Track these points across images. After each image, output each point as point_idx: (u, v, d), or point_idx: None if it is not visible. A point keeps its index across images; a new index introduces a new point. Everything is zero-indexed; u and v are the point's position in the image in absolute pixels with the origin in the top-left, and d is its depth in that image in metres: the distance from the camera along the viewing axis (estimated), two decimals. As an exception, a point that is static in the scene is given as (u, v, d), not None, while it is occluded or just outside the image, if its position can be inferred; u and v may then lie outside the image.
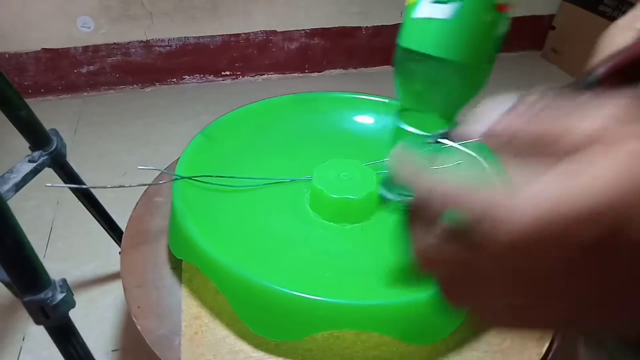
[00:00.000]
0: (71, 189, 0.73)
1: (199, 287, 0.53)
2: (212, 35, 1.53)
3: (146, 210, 0.65)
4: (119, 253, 0.60)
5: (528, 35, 1.83)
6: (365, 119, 0.69)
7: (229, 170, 0.62)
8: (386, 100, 0.68)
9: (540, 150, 0.18)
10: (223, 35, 1.54)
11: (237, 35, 1.55)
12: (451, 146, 0.25)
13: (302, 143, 0.66)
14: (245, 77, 1.63)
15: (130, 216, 0.64)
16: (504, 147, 0.20)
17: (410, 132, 0.33)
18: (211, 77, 1.61)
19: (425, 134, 0.32)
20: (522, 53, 1.87)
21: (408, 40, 0.33)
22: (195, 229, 0.49)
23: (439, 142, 0.26)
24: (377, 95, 0.69)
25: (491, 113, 0.21)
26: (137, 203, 0.66)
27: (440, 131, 0.27)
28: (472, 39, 0.32)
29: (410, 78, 0.34)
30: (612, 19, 1.48)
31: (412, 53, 0.33)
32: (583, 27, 1.62)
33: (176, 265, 0.56)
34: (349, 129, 0.68)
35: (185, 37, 1.51)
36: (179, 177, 0.50)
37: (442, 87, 0.33)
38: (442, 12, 0.31)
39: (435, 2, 0.31)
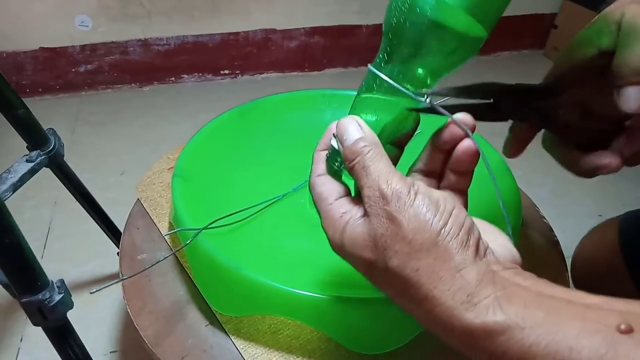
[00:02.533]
0: (67, 187, 0.73)
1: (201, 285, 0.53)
2: (211, 34, 1.52)
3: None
4: (117, 254, 0.59)
5: (530, 33, 1.83)
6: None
7: (230, 170, 0.62)
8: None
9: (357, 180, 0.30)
10: (222, 33, 1.53)
11: (237, 33, 1.54)
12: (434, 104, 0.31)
13: (302, 142, 0.66)
14: (245, 76, 1.63)
15: (129, 215, 0.64)
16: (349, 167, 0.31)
17: (391, 85, 0.32)
18: (210, 76, 1.60)
19: (406, 91, 0.32)
20: (524, 52, 1.87)
21: None
22: (183, 199, 0.51)
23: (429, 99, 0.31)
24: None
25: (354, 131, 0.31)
26: (134, 204, 0.65)
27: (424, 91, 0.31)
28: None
29: (416, 30, 0.32)
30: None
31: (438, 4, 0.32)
32: (585, 25, 1.61)
33: (177, 266, 0.56)
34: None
35: (184, 36, 1.50)
36: (189, 230, 0.49)
37: (446, 44, 0.33)
38: None
39: None
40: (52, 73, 1.46)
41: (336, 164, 0.33)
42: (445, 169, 0.35)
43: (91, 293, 0.43)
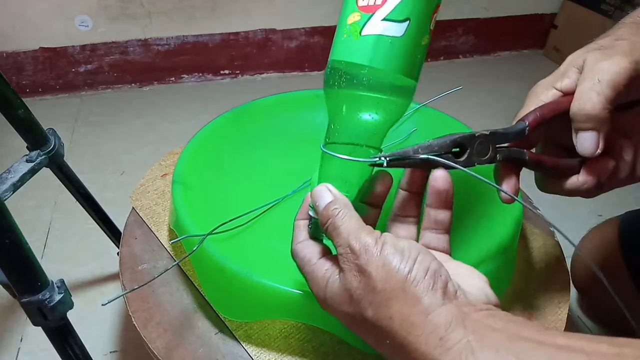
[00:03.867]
0: (67, 187, 0.73)
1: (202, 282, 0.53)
2: (211, 34, 1.52)
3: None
4: (117, 254, 0.59)
5: (530, 33, 1.83)
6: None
7: (229, 174, 0.62)
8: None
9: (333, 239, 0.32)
10: (222, 33, 1.53)
11: (237, 33, 1.54)
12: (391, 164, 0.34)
13: (301, 142, 0.66)
14: (245, 76, 1.63)
15: (128, 217, 0.63)
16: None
17: (341, 159, 0.35)
18: (210, 76, 1.60)
19: (357, 159, 0.35)
20: (524, 52, 1.87)
21: (356, 55, 0.34)
22: (185, 205, 0.51)
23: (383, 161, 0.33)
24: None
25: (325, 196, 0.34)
26: (129, 213, 0.65)
27: (373, 157, 0.34)
28: (416, 57, 0.35)
29: (347, 95, 0.35)
30: (614, 18, 1.47)
31: (359, 68, 0.34)
32: (585, 26, 1.62)
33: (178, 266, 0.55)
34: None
35: (184, 36, 1.50)
36: (193, 236, 0.49)
37: (379, 104, 0.35)
38: (396, 29, 0.33)
39: (386, 20, 0.33)
40: (52, 73, 1.46)
41: (316, 230, 0.36)
42: (420, 210, 0.37)
43: (103, 305, 0.43)
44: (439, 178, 0.34)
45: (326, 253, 0.35)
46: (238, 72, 1.62)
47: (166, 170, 0.69)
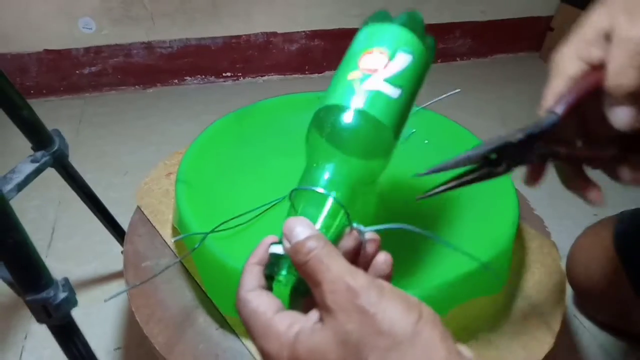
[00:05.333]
0: (72, 186, 0.73)
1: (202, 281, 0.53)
2: (213, 37, 1.53)
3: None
4: (121, 252, 0.60)
5: (526, 36, 1.84)
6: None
7: (232, 174, 0.62)
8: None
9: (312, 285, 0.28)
10: (224, 36, 1.54)
11: (238, 36, 1.55)
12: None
13: (302, 143, 0.67)
14: (246, 78, 1.64)
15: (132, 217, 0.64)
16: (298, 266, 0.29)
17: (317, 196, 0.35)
18: (212, 78, 1.61)
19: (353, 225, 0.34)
20: (521, 54, 1.87)
21: (357, 102, 0.36)
22: (188, 204, 0.52)
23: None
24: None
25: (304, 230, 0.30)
26: (134, 212, 0.65)
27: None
28: (403, 118, 0.39)
29: (337, 138, 0.37)
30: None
31: (358, 114, 0.36)
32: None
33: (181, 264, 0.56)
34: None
35: (186, 39, 1.51)
36: (196, 234, 0.50)
37: (366, 151, 0.37)
38: (393, 91, 0.37)
39: (386, 81, 0.37)
40: (56, 75, 1.48)
41: (277, 270, 0.32)
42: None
43: (105, 301, 0.43)
44: (382, 261, 0.32)
45: (283, 309, 0.30)
46: (240, 74, 1.63)
47: (171, 169, 0.70)
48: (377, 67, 0.37)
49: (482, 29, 1.77)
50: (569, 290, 0.85)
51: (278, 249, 0.32)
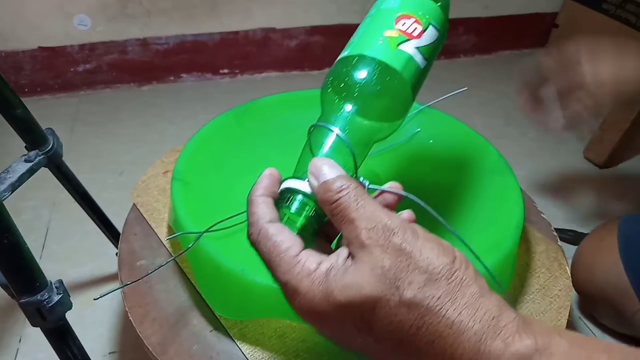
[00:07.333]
0: (66, 187, 0.72)
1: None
2: (211, 33, 1.52)
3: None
4: (116, 254, 0.59)
5: (531, 33, 1.83)
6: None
7: (228, 173, 0.61)
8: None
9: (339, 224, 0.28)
10: (221, 32, 1.53)
11: (236, 32, 1.54)
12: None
13: (301, 142, 0.66)
14: (244, 75, 1.63)
15: (127, 217, 0.63)
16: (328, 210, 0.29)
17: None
18: (209, 76, 1.60)
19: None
20: (525, 51, 1.86)
21: (392, 60, 0.37)
22: (183, 203, 0.51)
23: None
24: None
25: (330, 172, 0.30)
26: (130, 210, 0.65)
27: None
28: (418, 90, 0.40)
29: (365, 90, 0.37)
30: (615, 17, 1.47)
31: (387, 68, 0.37)
32: (586, 25, 1.61)
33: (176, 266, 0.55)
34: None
35: (183, 35, 1.50)
36: (190, 233, 0.49)
37: (386, 110, 0.38)
38: (422, 61, 0.39)
39: (418, 49, 0.38)
40: (51, 72, 1.46)
41: (287, 206, 0.31)
42: None
43: (95, 299, 0.42)
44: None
45: (303, 246, 0.29)
46: (237, 71, 1.61)
47: (168, 167, 0.69)
48: (413, 33, 0.38)
49: (486, 25, 1.77)
50: (574, 294, 0.84)
51: (295, 184, 0.32)
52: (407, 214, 0.32)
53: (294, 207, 0.32)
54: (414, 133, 0.68)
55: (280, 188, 0.33)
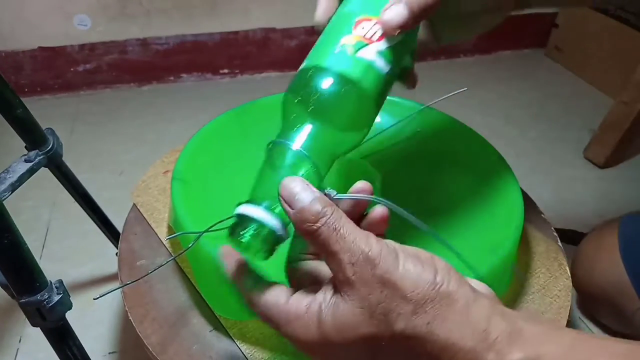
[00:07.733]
0: (65, 187, 0.72)
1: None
2: (211, 33, 1.52)
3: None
4: (116, 254, 0.59)
5: (531, 33, 1.83)
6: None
7: (229, 172, 0.61)
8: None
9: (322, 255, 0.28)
10: (221, 32, 1.52)
11: (236, 32, 1.54)
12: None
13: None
14: (244, 75, 1.63)
15: (127, 217, 0.63)
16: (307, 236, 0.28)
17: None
18: (209, 75, 1.60)
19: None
20: (525, 51, 1.86)
21: (348, 70, 0.35)
22: (183, 203, 0.51)
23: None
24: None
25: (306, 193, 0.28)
26: (130, 209, 0.65)
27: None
28: (385, 96, 0.39)
29: (322, 103, 0.35)
30: (615, 17, 1.47)
31: (343, 79, 0.35)
32: (586, 25, 1.61)
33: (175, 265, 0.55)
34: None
35: (183, 35, 1.50)
36: (189, 233, 0.49)
37: (347, 122, 0.36)
38: (383, 65, 0.36)
39: (379, 54, 0.36)
40: (51, 72, 1.46)
41: (242, 233, 0.31)
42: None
43: (94, 299, 0.42)
44: (377, 214, 0.32)
45: (288, 290, 0.30)
46: (237, 71, 1.61)
47: (168, 167, 0.69)
48: (372, 37, 0.36)
49: (484, 26, 1.76)
50: (574, 294, 0.84)
51: (250, 210, 0.31)
52: (379, 212, 0.32)
53: (249, 236, 0.31)
54: (413, 133, 0.68)
55: (236, 212, 0.32)
